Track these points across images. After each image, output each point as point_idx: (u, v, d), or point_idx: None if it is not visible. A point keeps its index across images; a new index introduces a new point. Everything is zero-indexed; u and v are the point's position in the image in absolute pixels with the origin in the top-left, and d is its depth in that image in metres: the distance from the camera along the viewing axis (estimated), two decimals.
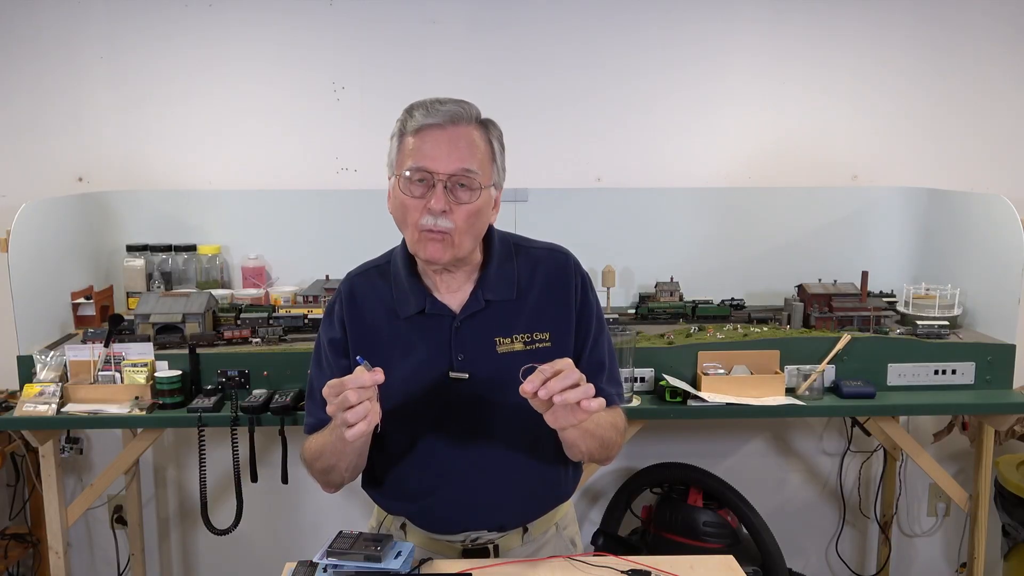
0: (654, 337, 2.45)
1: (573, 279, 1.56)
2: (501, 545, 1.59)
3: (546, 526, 1.63)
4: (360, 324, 1.54)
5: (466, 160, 1.41)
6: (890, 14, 2.87)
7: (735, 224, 2.88)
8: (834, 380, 2.37)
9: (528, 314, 1.53)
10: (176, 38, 2.82)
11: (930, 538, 3.20)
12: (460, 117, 1.42)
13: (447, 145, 1.41)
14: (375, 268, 1.60)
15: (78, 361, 2.27)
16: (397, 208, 1.47)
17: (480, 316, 1.51)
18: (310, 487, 3.05)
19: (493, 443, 1.52)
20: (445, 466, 1.54)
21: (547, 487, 1.61)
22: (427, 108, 1.42)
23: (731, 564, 1.51)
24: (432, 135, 1.41)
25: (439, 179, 1.40)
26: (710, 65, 2.89)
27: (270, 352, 2.34)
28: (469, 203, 1.42)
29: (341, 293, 1.58)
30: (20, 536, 2.91)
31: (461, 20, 2.85)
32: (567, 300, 1.55)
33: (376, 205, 2.76)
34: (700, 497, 2.71)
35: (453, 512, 1.56)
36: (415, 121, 1.42)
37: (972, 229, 2.55)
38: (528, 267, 1.56)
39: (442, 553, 1.58)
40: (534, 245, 1.60)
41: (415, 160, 1.41)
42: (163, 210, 2.82)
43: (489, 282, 1.52)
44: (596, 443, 1.50)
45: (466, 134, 1.43)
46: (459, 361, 1.50)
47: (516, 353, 1.51)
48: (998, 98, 2.93)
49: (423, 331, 1.52)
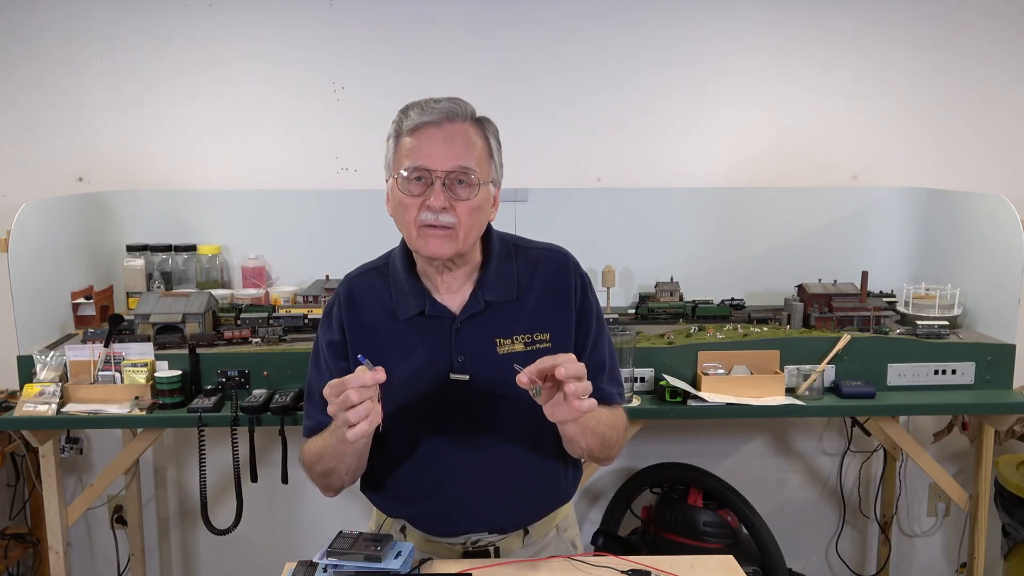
0: (654, 337, 2.45)
1: (573, 279, 1.56)
2: (502, 548, 1.59)
3: (546, 528, 1.63)
4: (359, 326, 1.54)
5: (463, 157, 1.41)
6: (890, 14, 2.87)
7: (735, 224, 2.88)
8: (834, 380, 2.37)
9: (528, 315, 1.53)
10: (176, 38, 2.82)
11: (930, 538, 3.20)
12: (455, 114, 1.42)
13: (443, 142, 1.41)
14: (374, 270, 1.59)
15: (78, 361, 2.27)
16: (396, 208, 1.47)
17: (480, 317, 1.51)
18: (310, 487, 3.03)
19: (493, 445, 1.52)
20: (445, 468, 1.53)
21: (547, 489, 1.60)
22: (422, 107, 1.42)
23: (731, 564, 1.51)
24: (428, 133, 1.41)
25: (437, 176, 1.40)
26: (710, 65, 2.89)
27: (270, 352, 2.34)
28: (468, 199, 1.42)
29: (340, 295, 1.57)
30: (20, 536, 2.91)
31: (461, 20, 2.85)
32: (567, 301, 1.55)
33: (376, 205, 2.77)
34: (700, 497, 2.71)
35: (453, 514, 1.56)
36: (410, 120, 1.42)
37: (972, 229, 2.55)
38: (528, 267, 1.55)
39: (442, 556, 1.58)
40: (533, 245, 1.60)
41: (412, 159, 1.41)
42: (163, 210, 2.82)
43: (489, 283, 1.52)
44: (597, 440, 1.50)
45: (462, 131, 1.43)
46: (459, 362, 1.50)
47: (516, 354, 1.50)
48: (998, 98, 2.93)
49: (423, 333, 1.51)
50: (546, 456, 1.56)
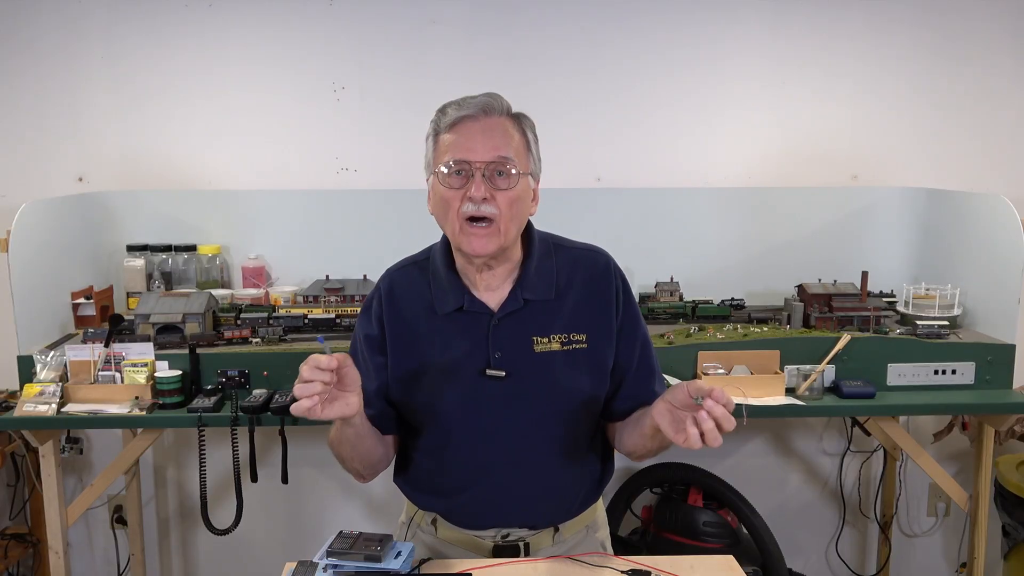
0: (654, 337, 2.42)
1: (613, 282, 1.57)
2: (532, 544, 1.59)
3: (577, 527, 1.64)
4: (398, 320, 1.55)
5: (502, 148, 1.43)
6: (890, 14, 2.87)
7: (735, 224, 2.88)
8: (834, 380, 2.37)
9: (566, 314, 1.53)
10: (176, 38, 2.82)
11: (930, 538, 3.20)
12: (492, 108, 1.45)
13: (482, 135, 1.43)
14: (414, 264, 1.60)
15: (78, 361, 2.27)
16: (438, 204, 1.48)
17: (518, 315, 1.52)
18: (310, 487, 3.07)
19: (527, 442, 1.53)
20: (478, 463, 1.54)
21: (579, 487, 1.61)
22: (459, 103, 1.45)
23: (731, 564, 1.51)
24: (466, 127, 1.44)
25: (477, 168, 1.42)
26: (710, 66, 2.89)
27: (270, 352, 2.34)
28: (508, 189, 1.43)
29: (380, 290, 1.59)
30: (20, 536, 2.91)
31: (461, 20, 2.85)
32: (606, 303, 1.56)
33: (376, 205, 2.80)
34: (700, 497, 2.72)
35: (484, 509, 1.57)
36: (448, 117, 1.45)
37: (972, 229, 2.55)
38: (567, 267, 1.57)
39: (473, 549, 1.59)
40: (573, 245, 1.61)
41: (452, 153, 1.43)
42: (163, 210, 2.82)
43: (528, 281, 1.53)
44: (657, 443, 1.51)
45: (499, 124, 1.45)
46: (496, 359, 1.50)
47: (553, 353, 1.51)
48: (998, 98, 2.93)
49: (461, 328, 1.52)
50: (579, 454, 1.57)
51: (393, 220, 2.74)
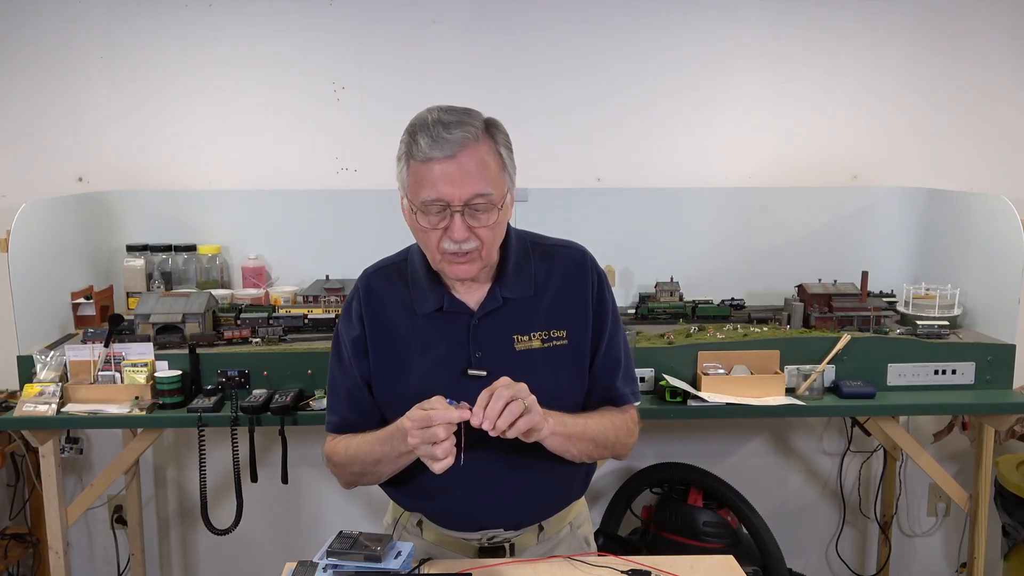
0: (654, 337, 2.45)
1: (590, 276, 1.57)
2: (517, 544, 1.59)
3: (560, 525, 1.64)
4: (378, 320, 1.55)
5: (479, 185, 1.39)
6: (890, 15, 2.87)
7: (735, 224, 2.88)
8: (834, 380, 2.37)
9: (545, 311, 1.54)
10: (176, 38, 2.82)
11: (930, 538, 3.20)
12: (467, 141, 1.38)
13: (458, 174, 1.38)
14: (392, 265, 1.60)
15: (78, 361, 2.27)
16: (416, 232, 1.48)
17: (498, 314, 1.52)
18: (310, 487, 3.07)
19: (510, 441, 1.52)
20: (462, 463, 1.54)
21: (561, 484, 1.62)
22: (431, 136, 1.37)
23: (731, 564, 1.51)
24: (441, 167, 1.38)
25: (455, 210, 1.39)
26: (710, 66, 2.89)
27: (270, 352, 2.34)
28: (488, 224, 1.42)
29: (359, 290, 1.58)
30: (20, 536, 2.91)
31: (461, 20, 2.85)
32: (584, 297, 1.56)
33: (376, 205, 2.79)
34: (700, 497, 2.71)
35: (469, 510, 1.57)
36: (421, 152, 1.38)
37: (972, 229, 2.55)
38: (545, 264, 1.56)
39: (458, 550, 1.59)
40: (550, 242, 1.61)
41: (428, 192, 1.39)
42: (163, 210, 2.82)
43: (507, 280, 1.53)
44: (588, 444, 1.51)
45: (475, 156, 1.39)
46: (477, 358, 1.51)
47: (534, 350, 1.52)
48: (998, 98, 2.93)
49: (441, 328, 1.52)
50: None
51: (393, 220, 2.69)
